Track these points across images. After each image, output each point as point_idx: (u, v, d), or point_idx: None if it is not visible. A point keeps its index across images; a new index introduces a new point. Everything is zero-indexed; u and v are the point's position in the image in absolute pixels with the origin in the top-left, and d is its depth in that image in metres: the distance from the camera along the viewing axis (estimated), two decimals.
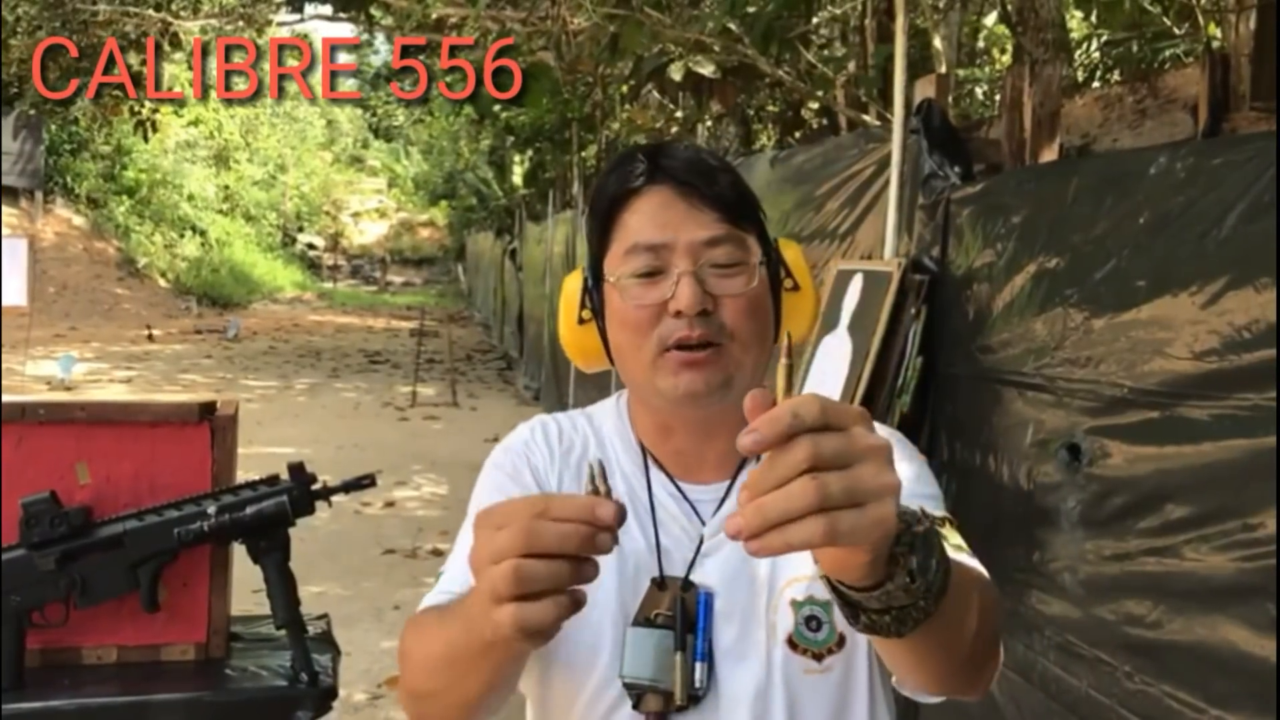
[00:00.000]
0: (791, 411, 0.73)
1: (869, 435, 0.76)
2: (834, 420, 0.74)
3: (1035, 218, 2.67)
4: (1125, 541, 2.24)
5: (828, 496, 0.72)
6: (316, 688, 1.84)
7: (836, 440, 0.74)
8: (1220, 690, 1.96)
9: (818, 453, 0.73)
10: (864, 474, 0.74)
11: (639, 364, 1.16)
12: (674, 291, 1.12)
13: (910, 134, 3.33)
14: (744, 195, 1.19)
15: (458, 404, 12.10)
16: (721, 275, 1.14)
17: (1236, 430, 1.95)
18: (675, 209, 1.15)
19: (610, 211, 1.18)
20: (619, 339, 1.19)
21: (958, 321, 3.00)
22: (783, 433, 0.73)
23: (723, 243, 1.14)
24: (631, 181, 1.17)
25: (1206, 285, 2.02)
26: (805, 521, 0.72)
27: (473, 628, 0.91)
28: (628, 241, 1.16)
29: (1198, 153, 2.14)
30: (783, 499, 0.72)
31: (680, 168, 1.16)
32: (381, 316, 24.76)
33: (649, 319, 1.14)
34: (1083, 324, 2.41)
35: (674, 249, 1.13)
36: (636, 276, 1.15)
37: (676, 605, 1.16)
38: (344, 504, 7.92)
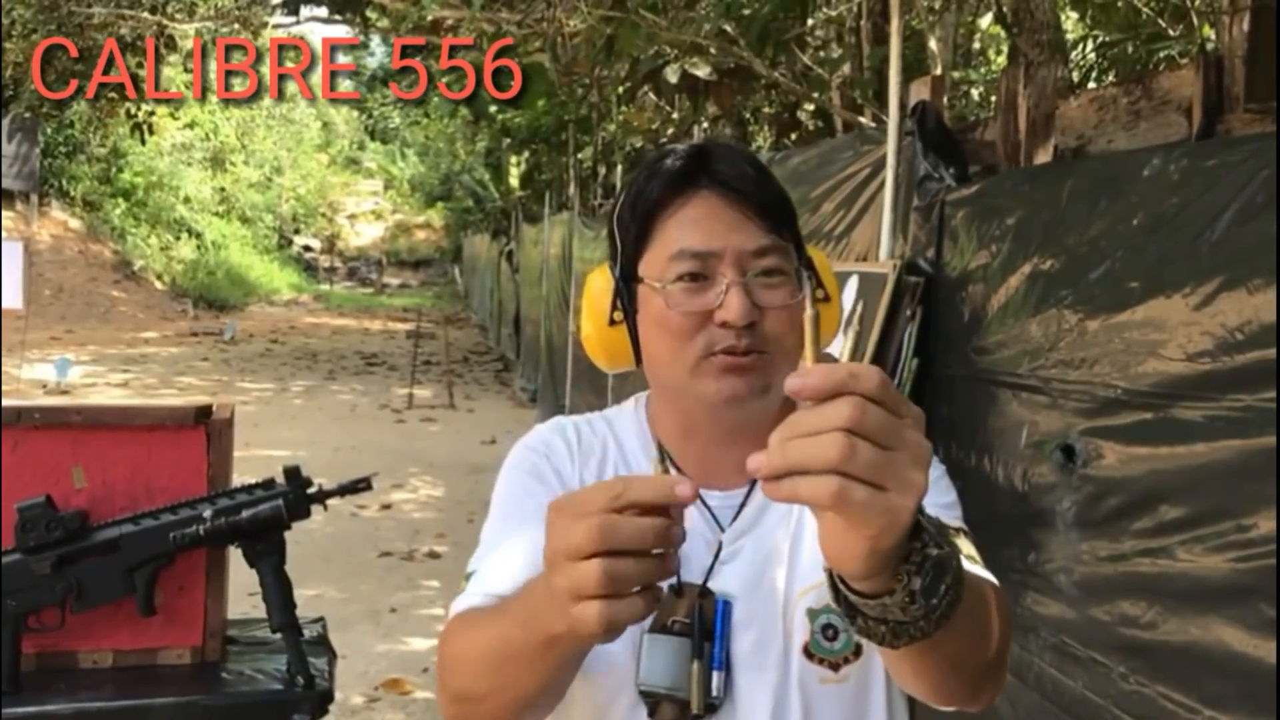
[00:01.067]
0: (850, 371, 0.72)
1: (918, 432, 0.74)
2: (890, 400, 0.72)
3: (1030, 219, 2.67)
4: (1120, 542, 2.24)
5: (853, 460, 0.70)
6: (313, 691, 1.84)
7: (885, 417, 0.72)
8: (1214, 691, 1.96)
9: (862, 416, 0.71)
10: (896, 460, 0.72)
11: (678, 368, 1.15)
12: (722, 301, 1.11)
13: (905, 136, 3.33)
14: (786, 204, 1.18)
15: (454, 406, 12.10)
16: (767, 286, 1.13)
17: (1230, 431, 1.96)
18: (724, 216, 1.14)
19: (653, 213, 1.17)
20: (657, 343, 1.17)
21: (953, 323, 3.01)
22: (835, 385, 0.71)
23: (769, 253, 1.13)
24: (678, 184, 1.16)
25: (1200, 286, 2.03)
26: (820, 477, 0.70)
27: (536, 623, 0.89)
28: (672, 246, 1.14)
29: (1191, 154, 2.15)
30: (809, 445, 0.71)
31: (730, 174, 1.15)
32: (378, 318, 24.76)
33: (693, 326, 1.13)
34: (1077, 325, 2.41)
35: (722, 258, 1.12)
36: (680, 281, 1.13)
37: (694, 613, 1.15)
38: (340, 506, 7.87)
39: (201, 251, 26.63)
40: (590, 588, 0.80)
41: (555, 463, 1.25)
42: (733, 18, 5.05)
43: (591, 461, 1.26)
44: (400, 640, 5.25)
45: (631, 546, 0.79)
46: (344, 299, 30.30)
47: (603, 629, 0.81)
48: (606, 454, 1.27)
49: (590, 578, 0.80)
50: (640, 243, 1.19)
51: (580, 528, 0.80)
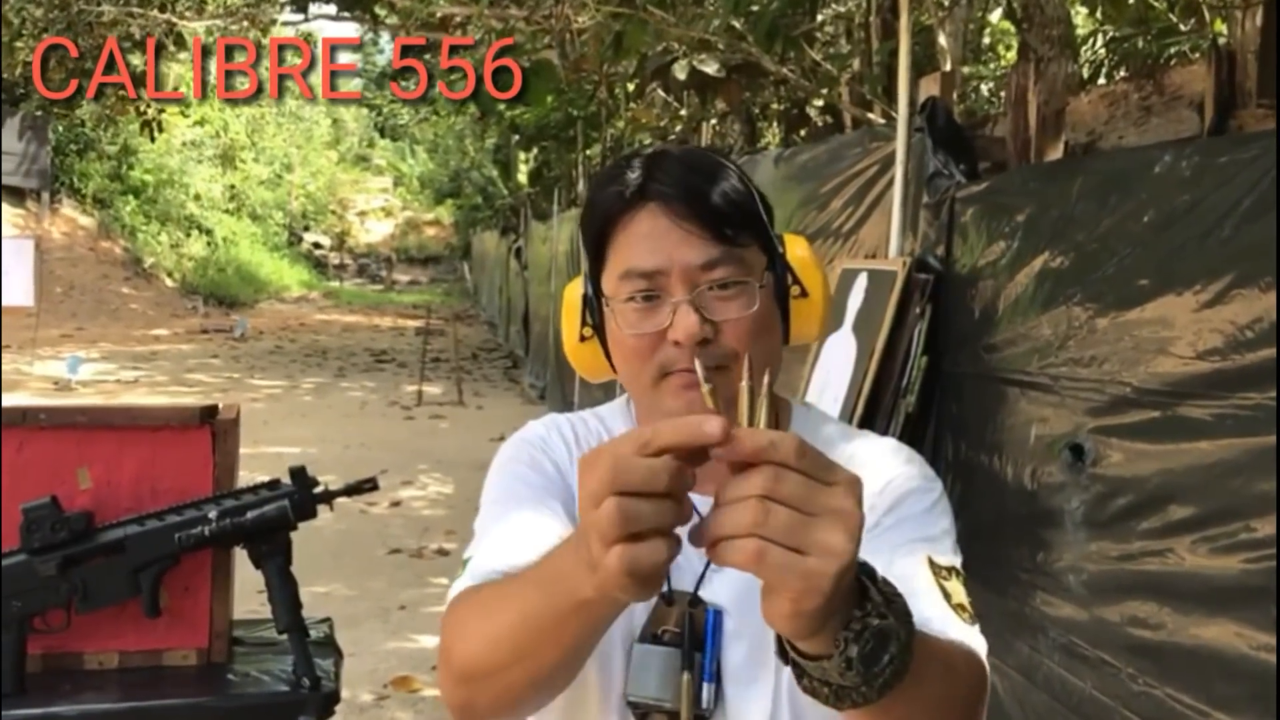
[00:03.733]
0: (770, 439, 0.75)
1: (846, 500, 0.75)
2: (811, 468, 0.75)
3: (1039, 216, 2.66)
4: (1128, 542, 2.23)
5: (766, 525, 0.73)
6: (319, 692, 1.84)
7: (801, 484, 0.74)
8: (1223, 693, 1.95)
9: (775, 485, 0.74)
10: (816, 526, 0.74)
11: (640, 386, 1.14)
12: (671, 320, 1.08)
13: (915, 132, 3.32)
14: (741, 205, 1.12)
15: (464, 403, 12.09)
16: (721, 298, 1.09)
17: (1240, 430, 1.94)
18: (668, 232, 1.09)
19: (603, 229, 1.14)
20: (619, 360, 1.16)
21: (962, 320, 2.99)
22: (752, 453, 0.75)
23: (720, 264, 1.09)
24: (623, 199, 1.12)
25: (1211, 284, 2.02)
26: (740, 541, 0.74)
27: (562, 587, 0.87)
28: (621, 265, 1.11)
29: (1202, 151, 2.13)
30: (728, 514, 0.75)
31: (672, 184, 1.10)
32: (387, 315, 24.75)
33: (648, 346, 1.10)
34: (1086, 323, 2.40)
35: (669, 274, 1.08)
36: (631, 301, 1.10)
37: (684, 622, 1.12)
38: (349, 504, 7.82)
39: (212, 249, 26.65)
40: (606, 527, 0.77)
41: (553, 456, 1.23)
42: (741, 14, 5.03)
43: None
44: (409, 638, 5.25)
45: (644, 487, 0.77)
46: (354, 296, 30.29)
47: (625, 573, 0.77)
48: None
49: (605, 517, 0.77)
50: (597, 259, 1.16)
51: (598, 472, 0.78)
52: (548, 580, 0.89)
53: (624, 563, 0.76)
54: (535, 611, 0.91)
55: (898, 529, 1.12)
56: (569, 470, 1.22)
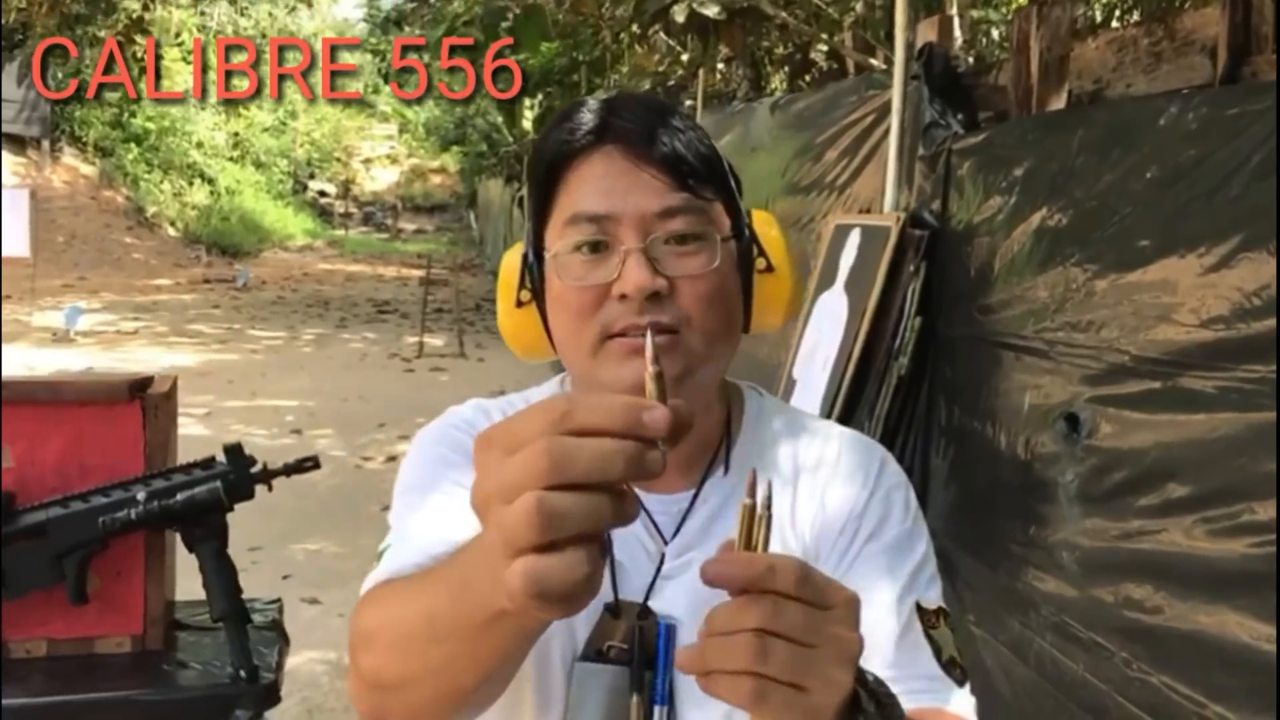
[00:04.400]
0: (769, 565, 0.68)
1: (844, 625, 0.70)
2: (811, 594, 0.69)
3: (1038, 170, 2.51)
4: (1125, 520, 2.10)
5: (766, 662, 0.67)
6: (256, 684, 1.73)
7: (802, 615, 0.68)
8: (1223, 685, 1.83)
9: (774, 618, 0.68)
10: (817, 658, 0.68)
11: (578, 353, 1.00)
12: (619, 271, 0.95)
13: (911, 80, 3.15)
14: (708, 158, 1.01)
15: (465, 355, 11.99)
16: (678, 253, 0.97)
17: (1245, 404, 1.81)
18: (623, 174, 0.97)
19: (550, 175, 1.01)
20: (557, 324, 1.03)
21: (958, 280, 2.85)
22: (749, 581, 0.68)
23: (679, 214, 0.97)
24: (575, 140, 0.99)
25: (1216, 246, 1.87)
26: (737, 678, 0.68)
27: (469, 593, 0.70)
28: (568, 210, 0.98)
29: (1211, 102, 1.97)
30: (722, 648, 0.68)
31: (631, 124, 0.99)
32: (392, 265, 24.60)
33: (591, 302, 0.97)
34: (1085, 285, 2.26)
35: (620, 221, 0.96)
36: (577, 252, 0.97)
37: (633, 637, 0.99)
38: (344, 458, 7.87)
39: (215, 197, 26.48)
40: (519, 534, 0.59)
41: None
42: None
43: None
44: None
45: (587, 478, 0.59)
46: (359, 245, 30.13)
47: (529, 594, 0.60)
48: None
49: (519, 521, 0.59)
50: (542, 210, 1.03)
51: (519, 459, 0.60)
52: (459, 586, 0.73)
53: (528, 580, 0.60)
54: (446, 620, 0.75)
55: (879, 558, 1.02)
56: None
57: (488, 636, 0.72)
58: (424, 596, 0.79)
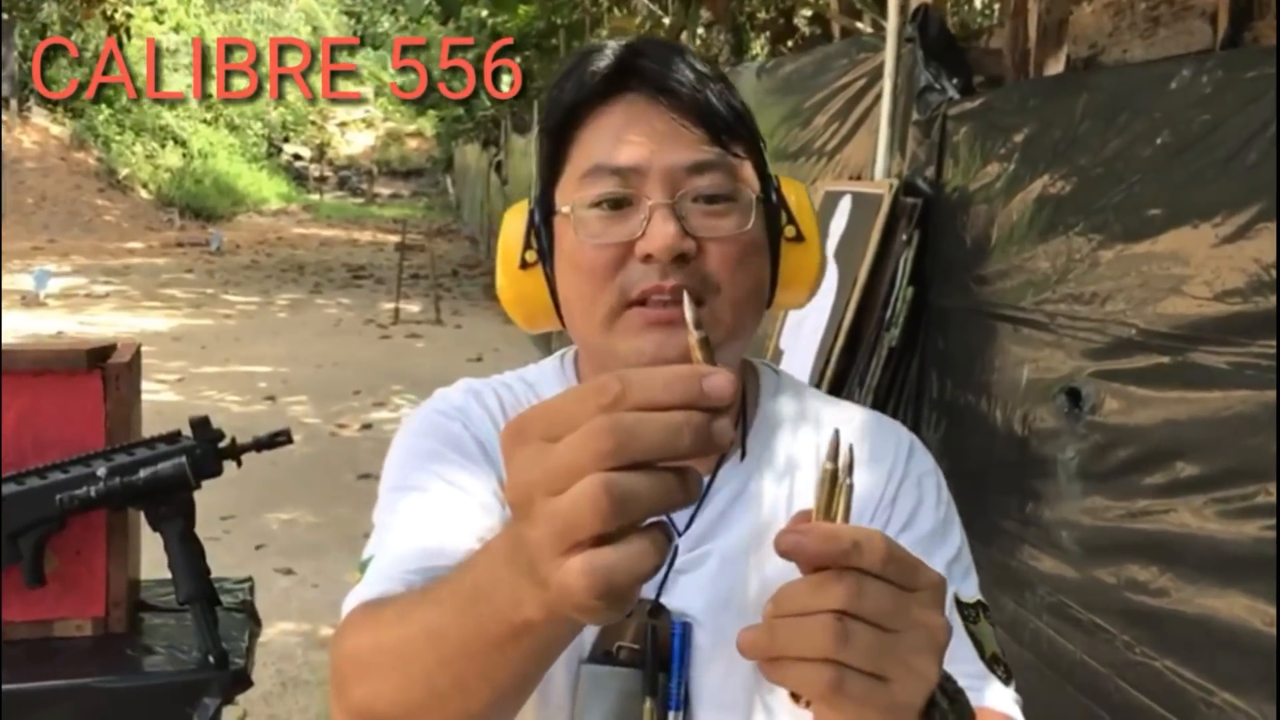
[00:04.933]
0: (854, 540, 0.60)
1: (932, 610, 0.62)
2: (897, 574, 0.61)
3: (1039, 136, 2.42)
4: (1129, 499, 2.04)
5: (847, 648, 0.59)
6: (225, 671, 1.64)
7: (889, 596, 0.60)
8: (1230, 671, 1.77)
9: (858, 599, 0.59)
10: (903, 646, 0.60)
11: (592, 320, 0.90)
12: (644, 229, 0.87)
13: (905, 43, 3.06)
14: (740, 113, 0.93)
15: (442, 322, 11.84)
16: (708, 213, 0.88)
17: (1261, 381, 1.74)
18: (651, 124, 0.89)
19: (566, 124, 0.92)
20: (569, 287, 0.93)
21: (952, 249, 2.77)
22: (831, 556, 0.60)
23: (711, 170, 0.89)
24: (595, 86, 0.91)
25: (1233, 216, 1.79)
26: (812, 665, 0.59)
27: (483, 607, 0.62)
28: (587, 162, 0.90)
29: (1226, 65, 1.89)
30: (796, 630, 0.60)
31: (660, 71, 0.90)
32: (367, 230, 24.35)
33: (609, 263, 0.88)
34: (1089, 256, 2.18)
35: (646, 175, 0.88)
36: (596, 208, 0.89)
37: (645, 637, 0.91)
38: (318, 426, 7.77)
39: (188, 160, 26.11)
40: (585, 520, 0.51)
41: (475, 431, 0.98)
42: None
43: None
44: None
45: (659, 454, 0.52)
46: (333, 209, 29.83)
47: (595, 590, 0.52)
48: None
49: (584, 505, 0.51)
50: (555, 162, 0.94)
51: (572, 442, 0.52)
52: (470, 599, 0.64)
53: (595, 576, 0.51)
54: (454, 640, 0.66)
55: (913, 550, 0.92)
56: (496, 449, 0.97)
57: (505, 655, 0.64)
58: (425, 614, 0.69)
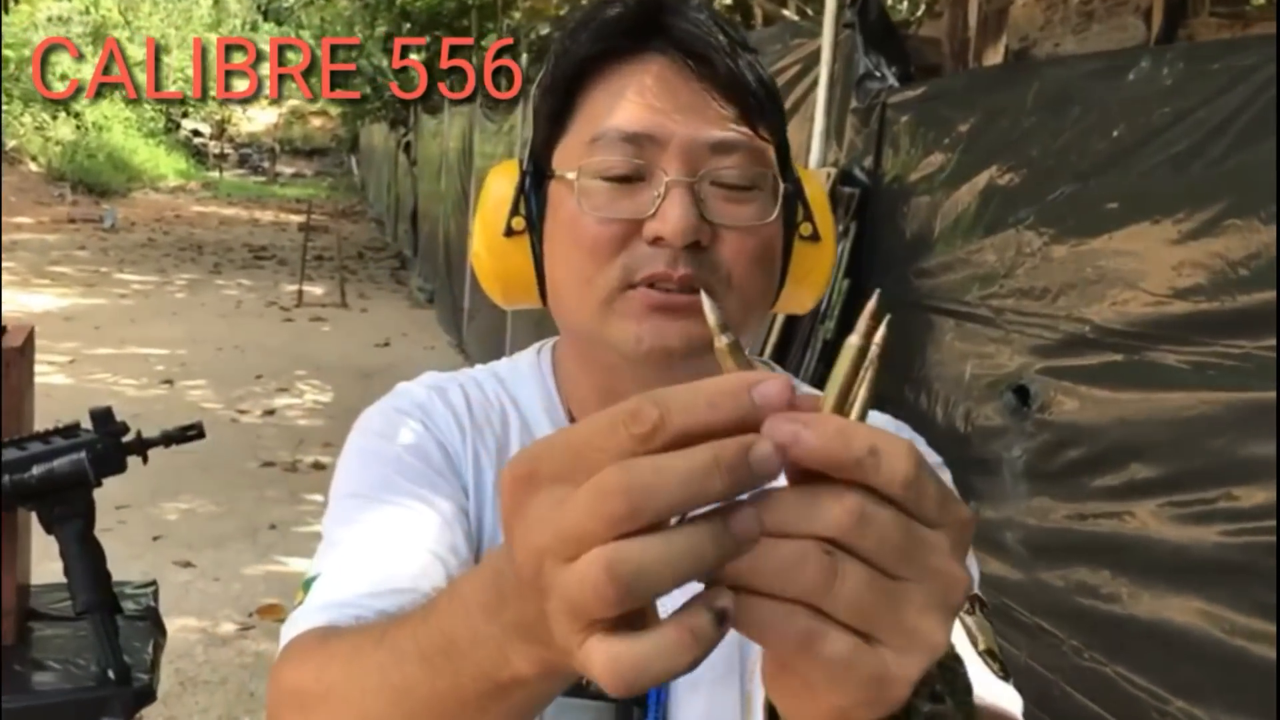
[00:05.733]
0: (871, 445, 0.41)
1: (954, 554, 0.43)
2: (917, 502, 0.43)
3: (986, 126, 2.37)
4: (1079, 500, 1.99)
5: (831, 594, 0.41)
6: (127, 687, 1.49)
7: (901, 529, 0.42)
8: (1186, 679, 1.72)
9: (860, 526, 0.41)
10: (907, 599, 0.42)
11: (587, 301, 0.80)
12: (657, 208, 0.76)
13: (843, 28, 2.98)
14: (773, 91, 0.82)
15: (347, 305, 11.57)
16: (728, 198, 0.78)
17: (1222, 382, 1.69)
18: (674, 91, 0.78)
19: (576, 80, 0.81)
20: (564, 263, 0.82)
21: (891, 241, 2.71)
22: (836, 460, 0.41)
23: (736, 151, 0.78)
24: (615, 40, 0.80)
25: (1196, 212, 1.74)
26: (780, 607, 0.42)
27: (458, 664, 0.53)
28: (596, 125, 0.79)
29: (1189, 56, 1.84)
30: (772, 555, 0.41)
31: (690, 31, 0.79)
32: (269, 209, 23.77)
33: (612, 240, 0.78)
34: (1040, 250, 2.13)
35: (665, 147, 0.77)
36: (605, 178, 0.78)
37: None
38: (219, 412, 7.49)
39: (81, 133, 25.23)
40: (591, 606, 0.41)
41: (439, 433, 0.87)
42: None
43: (488, 436, 0.88)
44: (278, 561, 4.90)
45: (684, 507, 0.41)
46: (234, 187, 29.08)
47: (619, 686, 0.41)
48: (508, 426, 0.89)
49: (587, 587, 0.40)
50: (558, 121, 0.83)
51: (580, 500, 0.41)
52: (442, 653, 0.54)
53: (618, 672, 0.41)
54: (424, 700, 0.55)
55: None
56: (461, 455, 0.86)
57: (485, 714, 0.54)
58: (384, 664, 0.58)
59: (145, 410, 6.84)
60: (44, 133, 24.02)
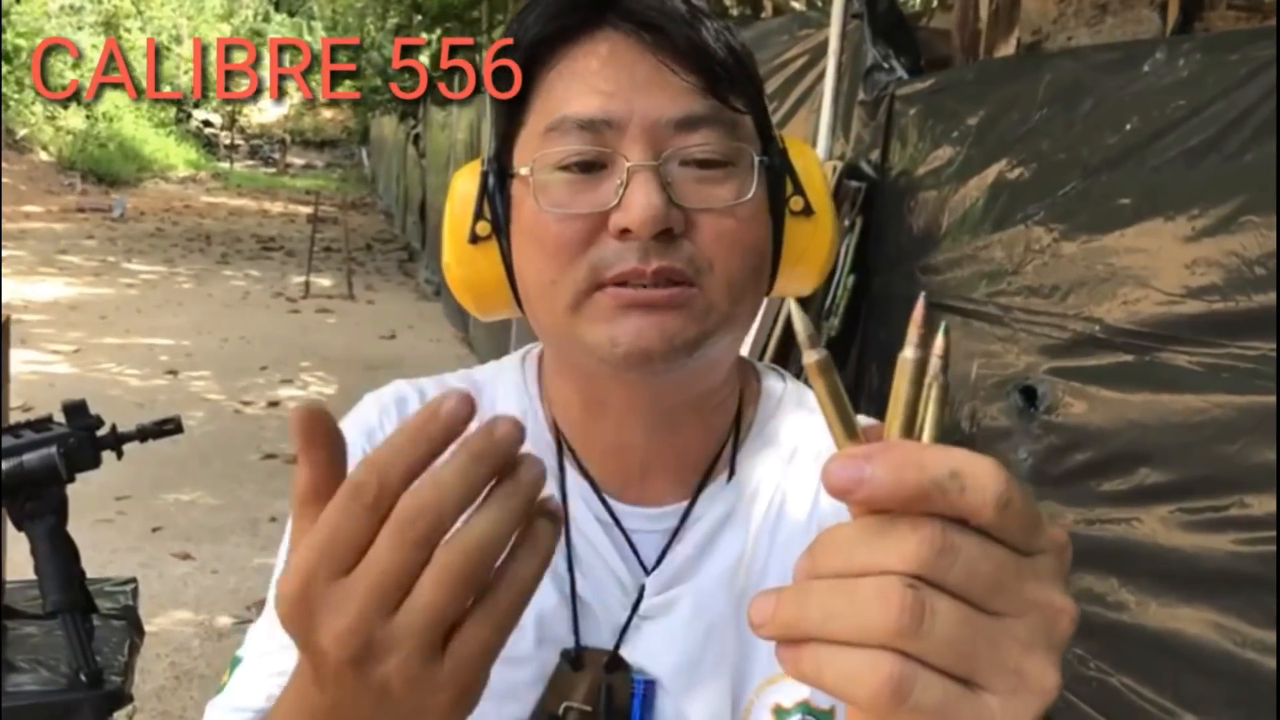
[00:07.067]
0: (951, 469, 0.38)
1: (1052, 585, 0.41)
2: (1009, 528, 0.39)
3: (996, 120, 2.31)
4: (1086, 505, 1.93)
5: (922, 636, 0.37)
6: (99, 690, 1.44)
7: (993, 559, 0.39)
8: (1195, 692, 1.67)
9: (946, 558, 0.38)
10: (1008, 637, 0.39)
11: (554, 306, 0.73)
12: (620, 197, 0.70)
13: (852, 19, 2.92)
14: (742, 57, 0.75)
15: (354, 297, 11.53)
16: (700, 178, 0.72)
17: (1239, 386, 1.63)
18: (631, 67, 0.72)
19: (527, 67, 0.75)
20: (528, 266, 0.75)
21: (898, 236, 2.65)
22: (913, 492, 0.38)
23: (705, 125, 0.72)
24: (564, 21, 0.74)
25: (1213, 208, 1.68)
26: (865, 654, 0.38)
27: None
28: (551, 114, 0.73)
29: (1206, 47, 1.78)
30: (844, 598, 0.38)
31: (644, 2, 0.73)
32: (279, 200, 23.77)
33: (576, 238, 0.72)
34: (1050, 247, 2.07)
35: (624, 130, 0.71)
36: (563, 169, 0.72)
37: (598, 696, 0.75)
38: (223, 403, 7.46)
39: (92, 123, 25.25)
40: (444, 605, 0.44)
41: None
42: None
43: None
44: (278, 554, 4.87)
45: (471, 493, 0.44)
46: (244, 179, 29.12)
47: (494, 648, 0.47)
48: None
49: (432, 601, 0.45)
50: (514, 113, 0.76)
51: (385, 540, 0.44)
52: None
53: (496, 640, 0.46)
54: None
55: None
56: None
57: None
58: None
59: (148, 400, 6.83)
60: (55, 122, 24.05)
